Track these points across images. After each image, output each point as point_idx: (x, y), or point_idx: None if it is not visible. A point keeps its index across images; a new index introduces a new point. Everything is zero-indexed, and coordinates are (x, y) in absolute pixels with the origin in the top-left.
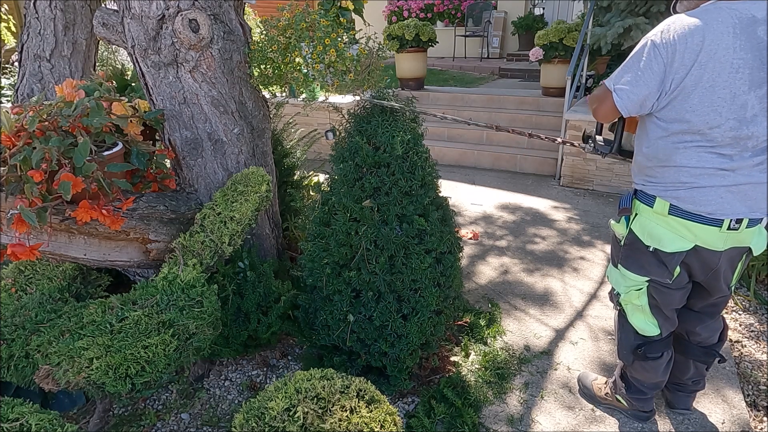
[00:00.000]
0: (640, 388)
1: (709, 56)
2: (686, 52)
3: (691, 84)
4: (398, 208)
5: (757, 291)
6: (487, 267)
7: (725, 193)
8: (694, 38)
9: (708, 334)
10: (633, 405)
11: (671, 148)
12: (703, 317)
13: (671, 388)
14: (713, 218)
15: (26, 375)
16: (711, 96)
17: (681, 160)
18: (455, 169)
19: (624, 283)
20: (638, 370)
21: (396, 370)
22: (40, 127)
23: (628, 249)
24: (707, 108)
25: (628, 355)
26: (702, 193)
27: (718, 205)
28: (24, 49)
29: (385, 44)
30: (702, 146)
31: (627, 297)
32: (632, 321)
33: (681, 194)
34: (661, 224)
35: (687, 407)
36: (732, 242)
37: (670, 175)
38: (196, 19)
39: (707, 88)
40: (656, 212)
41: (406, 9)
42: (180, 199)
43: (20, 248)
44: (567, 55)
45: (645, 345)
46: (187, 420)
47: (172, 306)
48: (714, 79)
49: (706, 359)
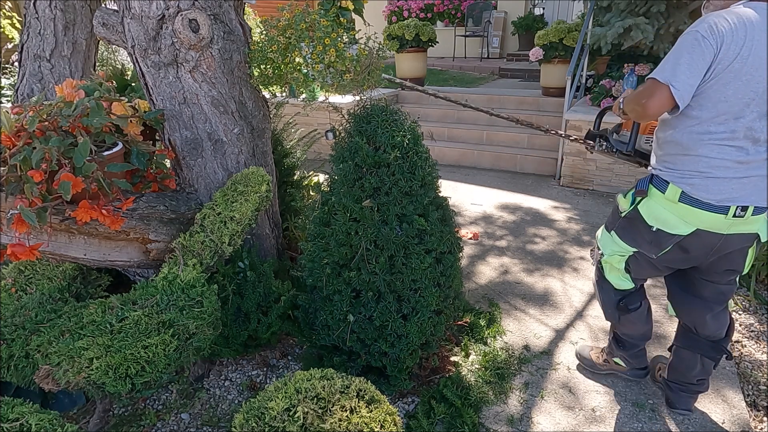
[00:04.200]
0: (633, 342)
1: (749, 51)
2: (732, 44)
3: (731, 75)
4: (398, 208)
5: (757, 291)
6: (487, 267)
7: (736, 184)
8: (739, 32)
9: (716, 327)
10: (630, 363)
11: (696, 139)
12: (711, 305)
13: (674, 388)
14: (721, 206)
15: (26, 375)
16: (746, 89)
17: (704, 151)
18: (455, 169)
19: (611, 247)
20: (625, 324)
21: (396, 370)
22: (40, 127)
23: (627, 222)
24: (739, 100)
25: (613, 313)
26: (716, 183)
27: (727, 194)
28: (24, 49)
29: (385, 44)
30: (725, 140)
31: (609, 259)
32: (608, 277)
33: (695, 182)
34: (669, 209)
35: (688, 408)
36: (737, 228)
37: (689, 164)
38: (196, 19)
39: (744, 81)
40: (667, 198)
41: (406, 9)
42: (180, 199)
43: (20, 248)
44: (567, 55)
45: (624, 298)
46: (187, 420)
47: (172, 306)
48: (752, 74)
49: (714, 355)
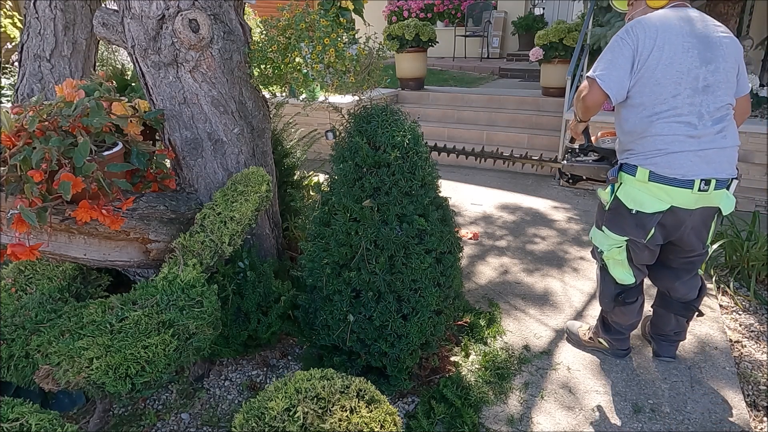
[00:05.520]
0: (619, 329)
1: (664, 40)
2: (647, 38)
3: (654, 62)
4: (398, 208)
5: (757, 291)
6: (487, 267)
7: (694, 157)
8: (651, 28)
9: (686, 290)
10: (612, 345)
11: (647, 122)
12: (680, 273)
13: (656, 339)
14: (685, 179)
15: (26, 375)
16: (671, 70)
17: (655, 130)
18: (455, 169)
19: (607, 242)
20: (618, 314)
21: (396, 370)
22: (40, 127)
23: (612, 213)
24: (669, 80)
25: (609, 303)
26: (675, 158)
27: (688, 168)
28: (24, 49)
29: (385, 44)
30: (671, 116)
31: (609, 254)
32: (613, 273)
33: (657, 160)
34: (643, 190)
35: (671, 356)
36: (703, 202)
37: (648, 145)
38: (196, 19)
39: (667, 65)
40: (638, 180)
41: (406, 9)
42: (180, 199)
43: (20, 248)
44: (567, 55)
45: (623, 292)
46: (187, 420)
47: (172, 306)
48: (671, 57)
49: (685, 313)
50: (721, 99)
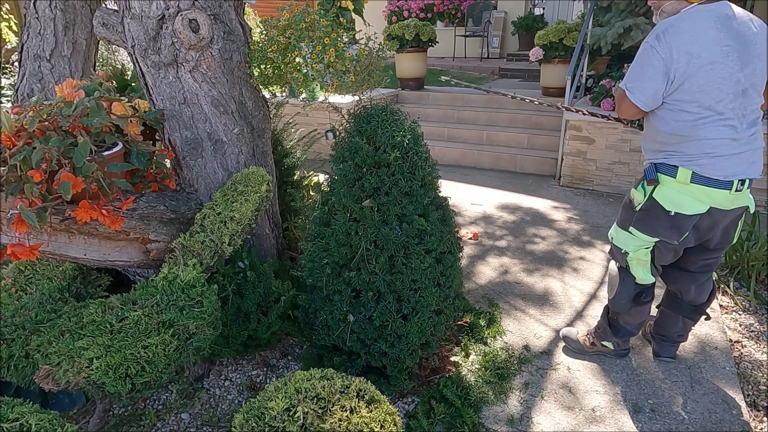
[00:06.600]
0: (629, 330)
1: (702, 47)
2: (681, 48)
3: (694, 70)
4: (398, 208)
5: (757, 291)
6: (487, 267)
7: (736, 159)
8: (684, 36)
9: (699, 293)
10: (619, 346)
11: (691, 126)
12: (697, 276)
13: (658, 339)
14: (726, 180)
15: (26, 375)
16: (713, 76)
17: (704, 134)
18: (455, 169)
19: (633, 243)
20: (632, 314)
21: (396, 370)
22: (40, 127)
23: (644, 214)
24: (712, 86)
25: (626, 304)
26: (721, 161)
27: (731, 170)
28: (24, 49)
29: (385, 44)
30: (717, 121)
31: (635, 255)
32: (635, 273)
33: (703, 162)
34: (683, 191)
35: (671, 356)
36: (737, 203)
37: (694, 148)
38: (196, 19)
39: (709, 71)
40: (679, 181)
41: (406, 9)
42: (180, 199)
43: (20, 248)
44: (567, 55)
45: (643, 292)
46: (187, 420)
47: (172, 306)
48: (712, 64)
49: (693, 316)
50: (755, 101)
